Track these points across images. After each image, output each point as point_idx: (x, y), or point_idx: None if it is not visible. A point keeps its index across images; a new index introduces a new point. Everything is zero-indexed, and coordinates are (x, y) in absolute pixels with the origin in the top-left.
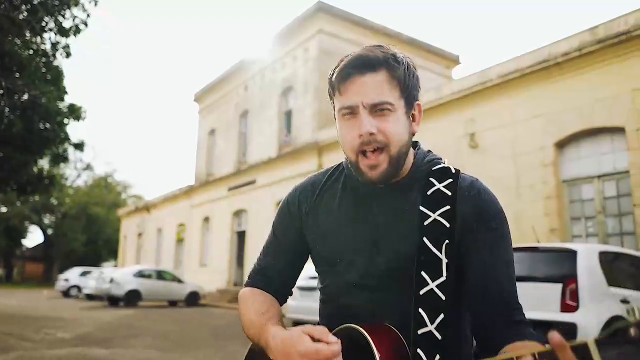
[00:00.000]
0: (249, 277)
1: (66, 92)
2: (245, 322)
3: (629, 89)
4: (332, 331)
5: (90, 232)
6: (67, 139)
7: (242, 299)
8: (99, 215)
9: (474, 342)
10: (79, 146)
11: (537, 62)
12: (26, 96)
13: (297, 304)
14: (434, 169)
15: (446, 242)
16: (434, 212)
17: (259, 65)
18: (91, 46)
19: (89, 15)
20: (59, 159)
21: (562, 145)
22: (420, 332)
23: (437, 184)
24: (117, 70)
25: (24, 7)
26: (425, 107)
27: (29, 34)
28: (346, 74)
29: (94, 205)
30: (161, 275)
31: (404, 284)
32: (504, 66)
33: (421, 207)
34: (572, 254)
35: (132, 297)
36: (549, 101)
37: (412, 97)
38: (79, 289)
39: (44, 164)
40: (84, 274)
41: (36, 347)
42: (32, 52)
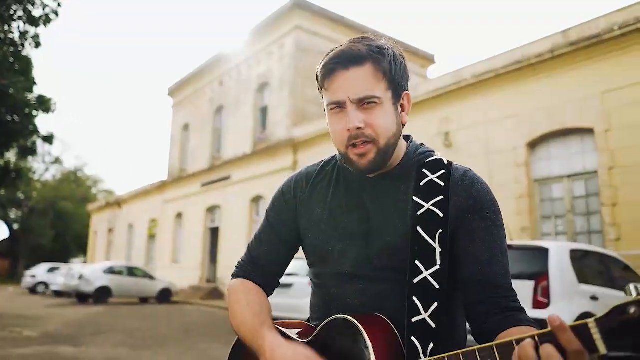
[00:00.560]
0: (239, 267)
1: (35, 83)
2: (237, 319)
3: (599, 91)
4: (323, 322)
5: (58, 227)
6: (35, 131)
7: (234, 292)
8: (68, 210)
9: (466, 329)
10: (48, 139)
11: (511, 63)
12: None
13: (272, 301)
14: (427, 161)
15: (440, 231)
16: (427, 202)
17: (235, 60)
18: (63, 37)
19: (59, 4)
20: (27, 152)
21: (533, 145)
22: (414, 320)
23: (430, 175)
24: (90, 62)
25: None
26: None
27: None
28: (330, 69)
29: (63, 200)
30: (132, 271)
31: (396, 274)
32: (478, 66)
33: (414, 198)
34: (544, 251)
35: (102, 294)
36: (521, 102)
37: (400, 87)
38: (46, 285)
39: (11, 156)
40: (51, 270)
41: (1, 346)
42: None
